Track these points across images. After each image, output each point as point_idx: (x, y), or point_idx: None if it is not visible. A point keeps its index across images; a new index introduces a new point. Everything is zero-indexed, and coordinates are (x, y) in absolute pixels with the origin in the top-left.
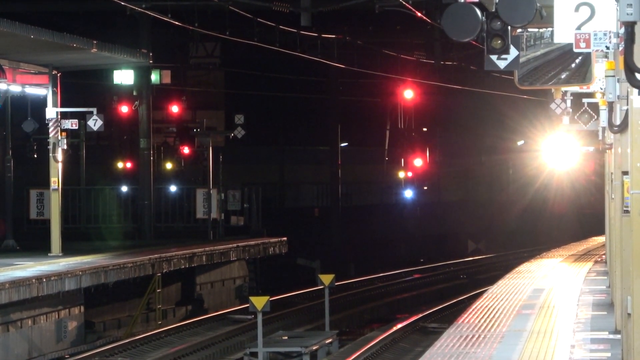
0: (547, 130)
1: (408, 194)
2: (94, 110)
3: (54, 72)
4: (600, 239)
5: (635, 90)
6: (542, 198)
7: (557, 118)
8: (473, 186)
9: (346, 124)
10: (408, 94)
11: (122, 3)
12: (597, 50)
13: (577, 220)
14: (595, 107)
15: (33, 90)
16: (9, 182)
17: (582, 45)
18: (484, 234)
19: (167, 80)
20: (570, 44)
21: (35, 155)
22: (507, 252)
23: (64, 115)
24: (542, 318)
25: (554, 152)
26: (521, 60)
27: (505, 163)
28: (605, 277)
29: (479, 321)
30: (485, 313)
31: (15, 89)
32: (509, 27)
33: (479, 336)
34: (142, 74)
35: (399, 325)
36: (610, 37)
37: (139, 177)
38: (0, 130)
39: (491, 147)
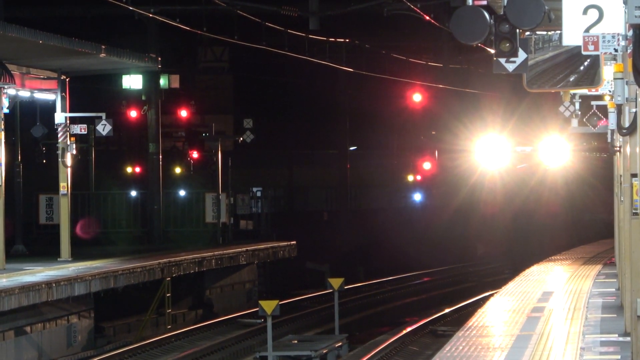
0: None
1: (417, 197)
2: (103, 115)
3: (63, 77)
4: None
5: None
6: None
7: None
8: (476, 191)
9: (355, 127)
10: (417, 97)
11: (131, 8)
12: (605, 53)
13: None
14: (604, 109)
15: (42, 96)
16: (18, 187)
17: (591, 47)
18: (492, 238)
19: (176, 84)
20: (579, 47)
21: (45, 161)
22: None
23: (73, 120)
24: (552, 321)
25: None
26: (529, 63)
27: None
28: (615, 280)
29: (489, 324)
30: (495, 316)
31: (24, 94)
32: (518, 30)
33: (489, 339)
34: (151, 79)
35: (409, 329)
36: (618, 39)
37: (148, 182)
38: (9, 135)
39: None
